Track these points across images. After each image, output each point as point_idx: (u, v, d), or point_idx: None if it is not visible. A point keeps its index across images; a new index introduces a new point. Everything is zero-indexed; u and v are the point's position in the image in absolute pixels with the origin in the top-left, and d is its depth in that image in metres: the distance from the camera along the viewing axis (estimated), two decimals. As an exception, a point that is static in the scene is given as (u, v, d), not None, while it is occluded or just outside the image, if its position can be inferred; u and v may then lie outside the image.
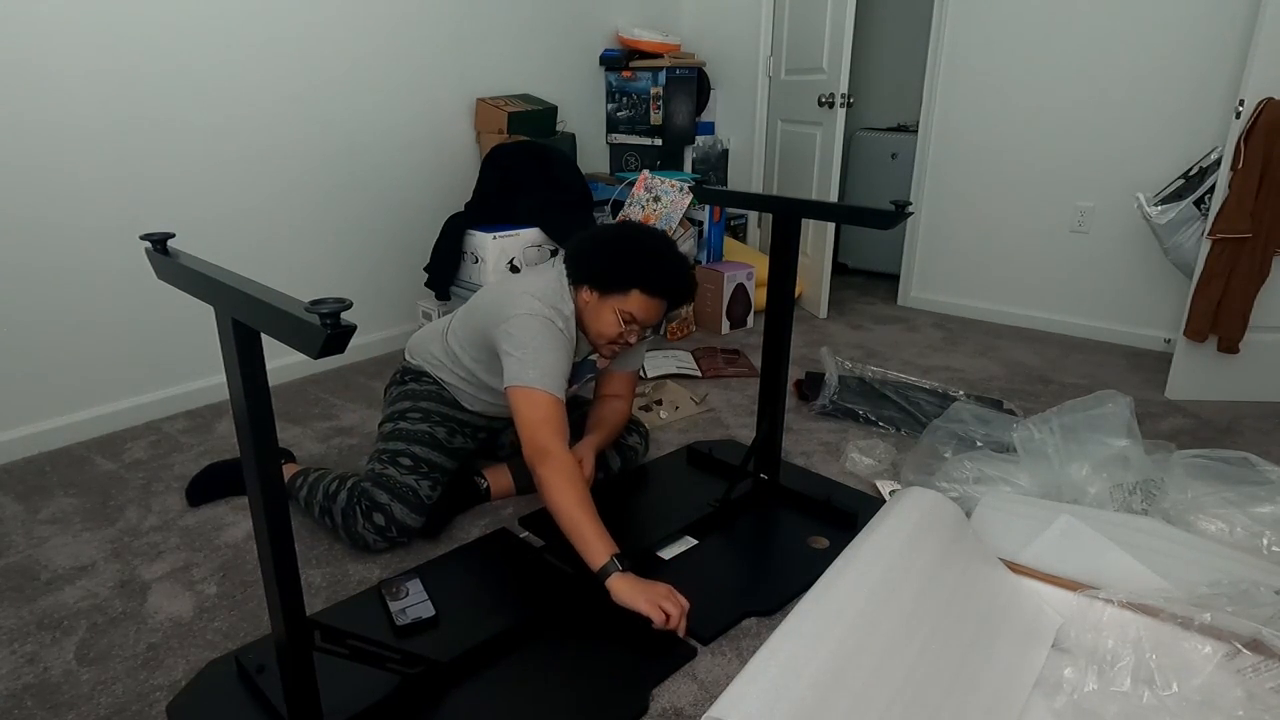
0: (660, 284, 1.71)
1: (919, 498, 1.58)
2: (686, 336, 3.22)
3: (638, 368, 2.01)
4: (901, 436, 2.30)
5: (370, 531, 1.67)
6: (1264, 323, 2.44)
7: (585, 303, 1.73)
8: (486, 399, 1.87)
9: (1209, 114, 2.78)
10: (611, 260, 1.71)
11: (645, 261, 1.70)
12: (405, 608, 1.49)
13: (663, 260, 1.72)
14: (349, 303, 0.81)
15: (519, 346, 1.62)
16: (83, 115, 2.13)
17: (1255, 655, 1.22)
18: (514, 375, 1.61)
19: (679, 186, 3.12)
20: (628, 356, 1.95)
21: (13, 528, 1.83)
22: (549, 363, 1.62)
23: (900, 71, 4.18)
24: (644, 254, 1.71)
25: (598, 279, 1.71)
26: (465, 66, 3.01)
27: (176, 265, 1.07)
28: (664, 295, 1.72)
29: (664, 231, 1.88)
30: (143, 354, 2.37)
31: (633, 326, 1.72)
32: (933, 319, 3.49)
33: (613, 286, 1.70)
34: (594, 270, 1.71)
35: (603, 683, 1.34)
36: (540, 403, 1.58)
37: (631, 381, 1.99)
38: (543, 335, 1.63)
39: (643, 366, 2.76)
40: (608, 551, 1.44)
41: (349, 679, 1.29)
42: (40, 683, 1.36)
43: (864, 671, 1.15)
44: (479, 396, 1.87)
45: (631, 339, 1.74)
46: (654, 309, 1.72)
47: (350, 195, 2.77)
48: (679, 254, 1.78)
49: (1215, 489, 1.73)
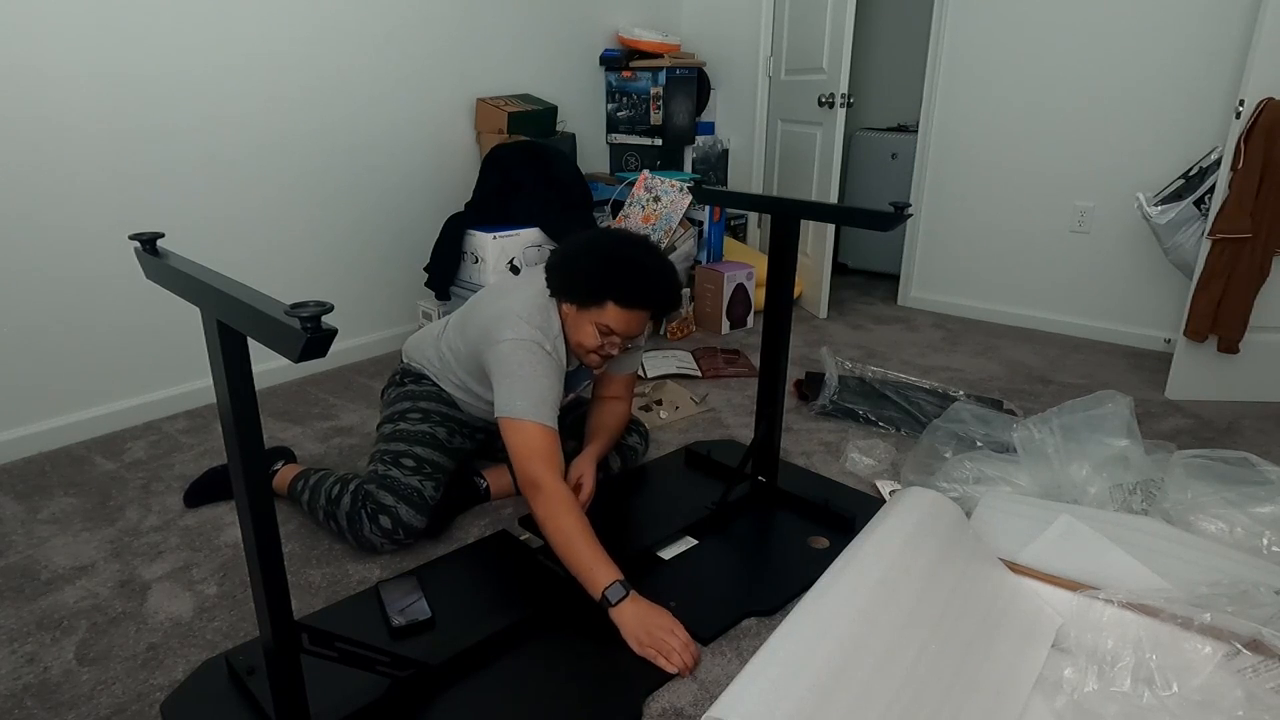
0: (634, 296, 1.64)
1: (919, 498, 1.58)
2: (686, 336, 3.22)
3: (635, 369, 1.99)
4: (901, 436, 2.30)
5: (377, 535, 1.66)
6: (1264, 323, 2.44)
7: (566, 315, 1.70)
8: (484, 406, 1.85)
9: (1209, 114, 2.78)
10: (583, 273, 1.65)
11: (618, 273, 1.64)
12: (402, 609, 1.49)
13: (637, 270, 1.65)
14: (330, 306, 0.79)
15: (508, 375, 1.60)
16: (83, 117, 2.13)
17: (1255, 655, 1.22)
18: (503, 405, 1.59)
19: (679, 186, 3.13)
20: (624, 359, 1.91)
21: (13, 528, 1.83)
22: (538, 391, 1.58)
23: (900, 71, 4.18)
24: (616, 264, 1.64)
25: (571, 293, 1.66)
26: (465, 66, 3.01)
27: (164, 266, 1.06)
28: (640, 306, 1.66)
29: (645, 237, 1.79)
30: (143, 354, 2.37)
31: (612, 339, 1.68)
32: (933, 319, 3.49)
33: (587, 300, 1.65)
34: (566, 284, 1.67)
35: (596, 688, 1.34)
36: (530, 435, 1.56)
37: (630, 383, 1.97)
38: (530, 363, 1.60)
39: (642, 366, 2.77)
40: (609, 578, 1.42)
41: (340, 681, 1.28)
42: (40, 683, 1.36)
43: (864, 671, 1.15)
44: (475, 404, 1.87)
45: (613, 350, 1.70)
46: (632, 320, 1.66)
47: (350, 195, 2.77)
48: (659, 260, 1.71)
49: (1215, 489, 1.73)
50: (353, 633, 1.23)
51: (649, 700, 1.31)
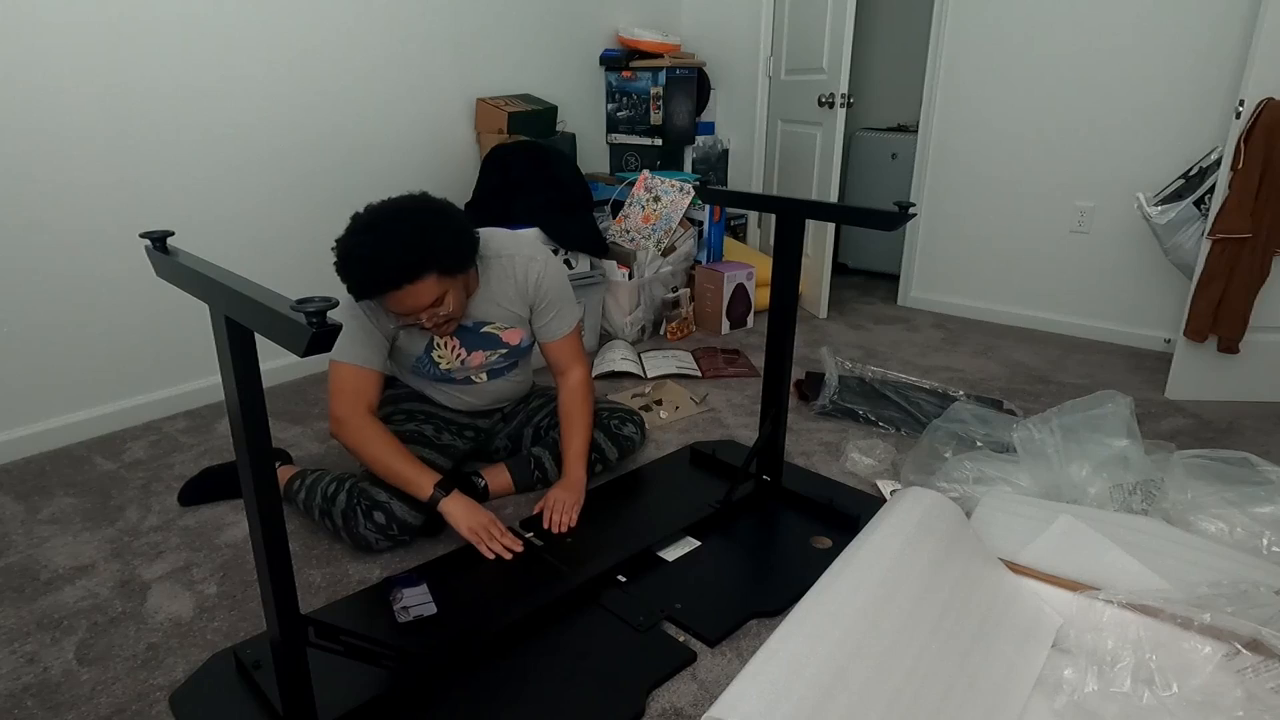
0: (372, 287, 1.54)
1: (919, 498, 1.58)
2: (686, 336, 3.22)
3: (568, 329, 1.88)
4: (901, 436, 2.30)
5: (372, 531, 1.67)
6: (1264, 323, 2.44)
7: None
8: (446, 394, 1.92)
9: (1209, 114, 2.78)
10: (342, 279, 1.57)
11: (349, 273, 1.54)
12: (408, 605, 1.49)
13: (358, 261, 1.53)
14: (335, 301, 0.83)
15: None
16: (84, 119, 2.13)
17: (1255, 655, 1.22)
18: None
19: (679, 186, 3.12)
20: (552, 323, 1.85)
21: (13, 528, 1.83)
22: (348, 334, 1.67)
23: (900, 71, 4.18)
24: (345, 264, 1.54)
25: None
26: (465, 67, 3.01)
27: (174, 263, 1.08)
28: (387, 289, 1.54)
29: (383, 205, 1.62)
30: (143, 354, 2.37)
31: (410, 320, 1.63)
32: (933, 319, 3.49)
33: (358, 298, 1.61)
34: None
35: (598, 685, 1.34)
36: (336, 374, 1.69)
37: (571, 345, 1.88)
38: (343, 314, 1.67)
39: (642, 366, 2.77)
40: (432, 482, 1.62)
41: (346, 675, 1.29)
42: (40, 683, 1.36)
43: (864, 671, 1.15)
44: (437, 394, 1.93)
45: (426, 323, 1.63)
46: (404, 299, 1.56)
47: (352, 195, 2.76)
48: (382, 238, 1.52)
49: (1215, 489, 1.73)
50: (358, 627, 1.23)
51: (650, 699, 1.31)
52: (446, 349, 1.81)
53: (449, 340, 1.80)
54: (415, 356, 1.81)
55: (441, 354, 1.82)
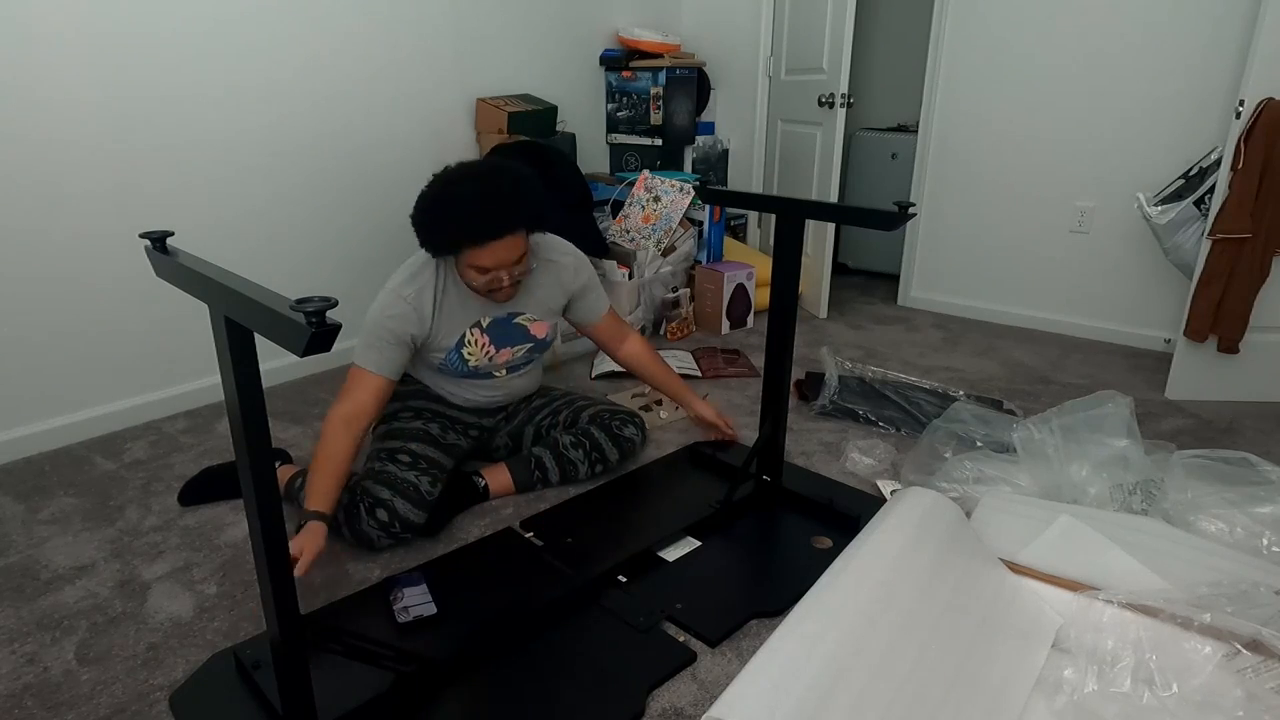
0: (480, 233, 1.60)
1: (919, 498, 1.58)
2: (686, 336, 3.22)
3: (604, 306, 2.03)
4: (901, 436, 2.30)
5: (374, 528, 1.67)
6: (1264, 323, 2.44)
7: (456, 265, 1.73)
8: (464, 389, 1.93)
9: (1209, 114, 2.78)
10: (427, 230, 1.65)
11: (452, 216, 1.60)
12: (408, 605, 1.49)
13: (467, 207, 1.59)
14: (334, 301, 0.82)
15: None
16: (87, 124, 2.13)
17: (1255, 655, 1.22)
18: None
19: (679, 186, 3.12)
20: (585, 304, 1.98)
21: (13, 528, 1.83)
22: (367, 335, 1.72)
23: (900, 71, 4.18)
24: (447, 208, 1.60)
25: (434, 250, 1.70)
26: (465, 67, 3.01)
27: (173, 263, 1.08)
28: (492, 237, 1.61)
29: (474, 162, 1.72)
30: (143, 354, 2.37)
31: (496, 274, 1.68)
32: (933, 319, 3.49)
33: (446, 251, 1.69)
34: (427, 244, 1.69)
35: (598, 685, 1.34)
36: (351, 379, 1.72)
37: (613, 320, 2.05)
38: (376, 310, 1.73)
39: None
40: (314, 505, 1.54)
41: (346, 676, 1.29)
42: (40, 683, 1.36)
43: (864, 671, 1.15)
44: (455, 390, 1.93)
45: (504, 281, 1.69)
46: (499, 250, 1.63)
47: (352, 195, 2.77)
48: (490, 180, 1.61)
49: (1215, 489, 1.73)
50: (358, 627, 1.23)
51: (650, 699, 1.32)
52: (476, 346, 1.84)
53: (480, 338, 1.84)
54: (446, 351, 1.83)
55: (471, 351, 1.84)
